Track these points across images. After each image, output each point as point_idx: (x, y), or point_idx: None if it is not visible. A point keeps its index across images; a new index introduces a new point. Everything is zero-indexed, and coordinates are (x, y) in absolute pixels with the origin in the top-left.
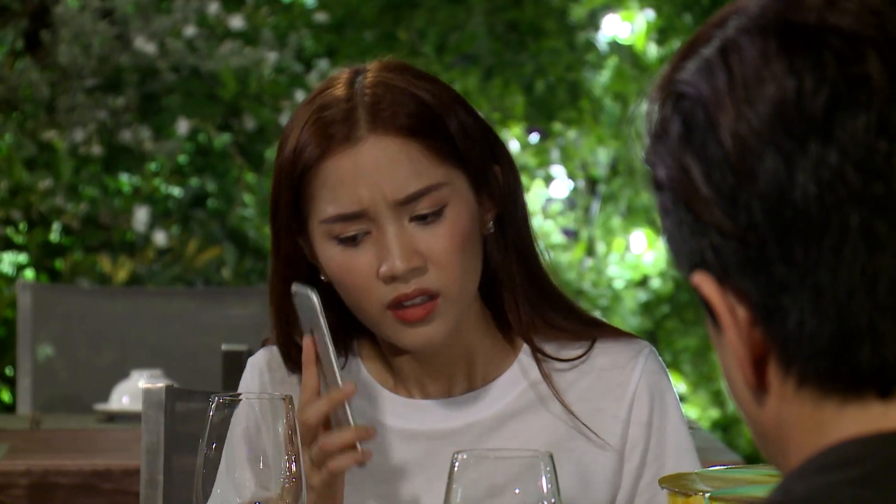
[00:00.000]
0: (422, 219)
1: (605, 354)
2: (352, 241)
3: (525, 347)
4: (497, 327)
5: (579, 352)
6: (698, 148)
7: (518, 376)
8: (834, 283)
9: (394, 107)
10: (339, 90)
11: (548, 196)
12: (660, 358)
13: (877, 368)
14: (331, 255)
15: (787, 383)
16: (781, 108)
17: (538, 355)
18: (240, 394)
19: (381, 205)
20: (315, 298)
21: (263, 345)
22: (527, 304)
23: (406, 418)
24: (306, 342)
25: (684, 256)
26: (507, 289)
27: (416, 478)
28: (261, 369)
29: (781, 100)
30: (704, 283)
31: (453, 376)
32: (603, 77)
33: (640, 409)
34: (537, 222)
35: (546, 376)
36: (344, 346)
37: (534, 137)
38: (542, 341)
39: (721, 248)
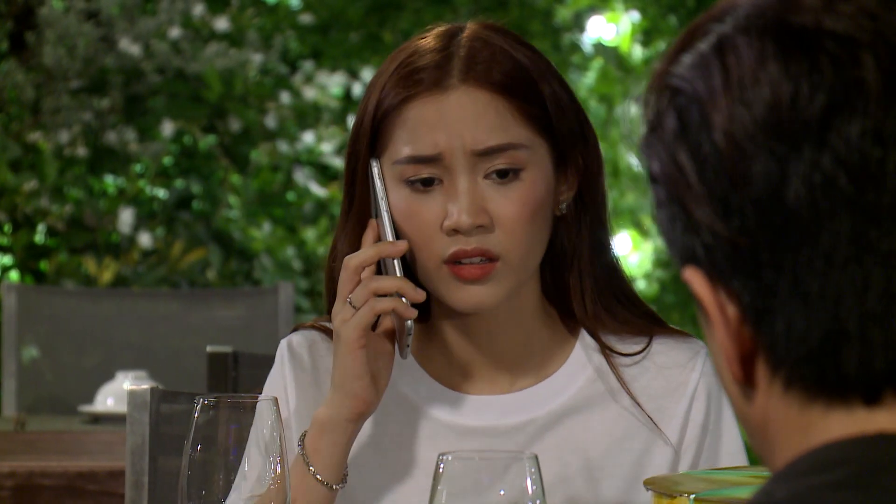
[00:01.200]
0: (497, 177)
1: (664, 352)
2: (422, 187)
3: (582, 338)
4: (556, 314)
5: (639, 347)
6: (692, 145)
7: (577, 369)
8: (823, 290)
9: (489, 62)
10: (432, 42)
11: None
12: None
13: (863, 376)
14: (399, 199)
15: (775, 384)
16: (776, 111)
17: (603, 348)
18: (227, 395)
19: (459, 153)
20: (376, 166)
21: (293, 330)
22: (594, 293)
23: (463, 414)
24: (371, 224)
25: (676, 250)
26: (575, 275)
27: None
28: (282, 357)
29: (776, 103)
30: (695, 278)
31: (512, 368)
32: (588, 78)
33: (698, 410)
34: None
35: (615, 369)
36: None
37: None
38: (604, 333)
39: (712, 248)
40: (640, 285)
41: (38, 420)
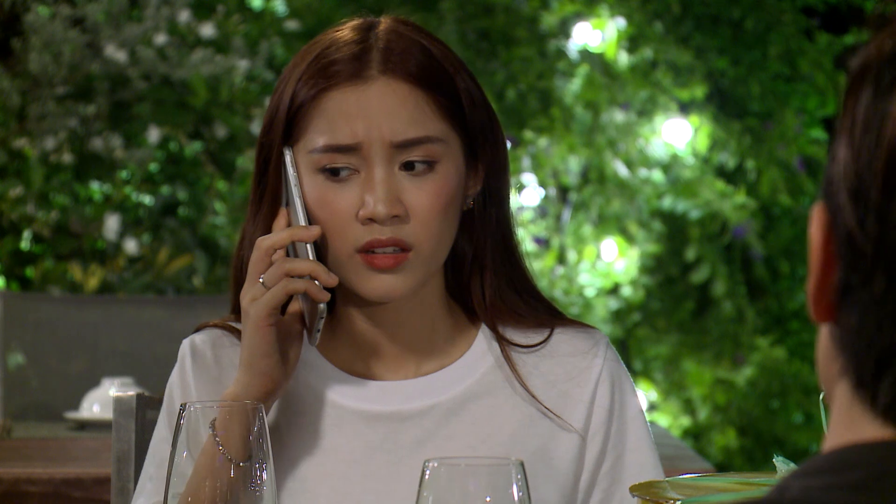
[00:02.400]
0: (412, 168)
1: (566, 341)
2: (337, 176)
3: (484, 328)
4: (458, 307)
5: (539, 338)
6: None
7: (479, 357)
8: None
9: (407, 55)
10: (348, 34)
11: (519, 204)
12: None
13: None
14: (313, 187)
15: (836, 363)
16: None
17: (501, 339)
18: (212, 401)
19: (377, 144)
20: (289, 155)
21: (196, 330)
22: (494, 286)
23: (368, 400)
24: (281, 212)
25: (822, 182)
26: (477, 268)
27: (378, 460)
28: (183, 356)
29: None
30: (818, 219)
31: (417, 355)
32: (574, 85)
33: (603, 395)
34: None
35: (509, 360)
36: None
37: None
38: (503, 325)
39: (843, 226)
40: (626, 291)
41: (24, 427)
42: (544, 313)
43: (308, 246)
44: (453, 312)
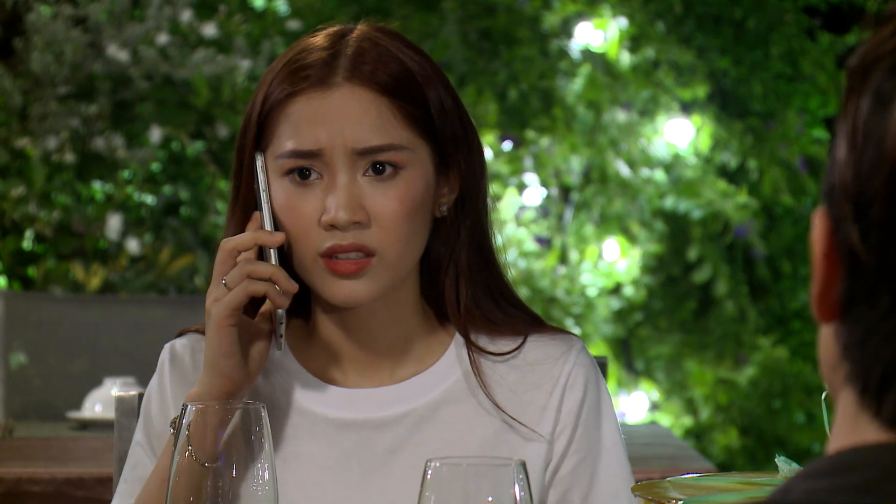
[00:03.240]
0: (376, 174)
1: (538, 349)
2: (302, 182)
3: (458, 336)
4: (433, 314)
5: (512, 346)
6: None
7: (452, 364)
8: None
9: (376, 63)
10: (321, 41)
11: (521, 204)
12: (590, 353)
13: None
14: (280, 192)
15: (841, 369)
16: None
17: (471, 347)
18: (214, 401)
19: (339, 150)
20: (259, 160)
21: (179, 335)
22: (469, 293)
23: (340, 407)
24: (254, 217)
25: (823, 188)
26: (451, 276)
27: (351, 467)
28: (162, 362)
29: None
30: (820, 225)
31: (390, 363)
32: (576, 85)
33: (571, 399)
34: (510, 230)
35: (477, 369)
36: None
37: (507, 145)
38: (476, 333)
39: (846, 238)
40: (628, 291)
41: (26, 426)
42: (521, 321)
43: (272, 251)
44: (428, 319)
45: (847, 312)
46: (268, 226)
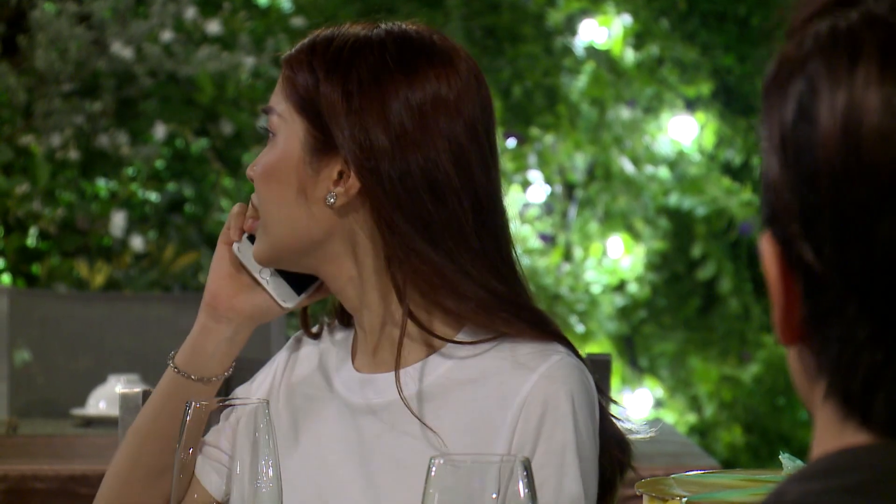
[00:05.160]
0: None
1: (512, 350)
2: None
3: (454, 336)
4: (440, 312)
5: (477, 339)
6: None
7: (439, 362)
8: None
9: (315, 37)
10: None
11: (525, 201)
12: (579, 369)
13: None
14: None
15: (819, 386)
16: None
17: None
18: (217, 398)
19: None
20: None
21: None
22: (415, 284)
23: (350, 390)
24: None
25: (763, 211)
26: (393, 266)
27: (349, 448)
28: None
29: None
30: (769, 251)
31: (384, 350)
32: (580, 82)
33: (529, 416)
34: (514, 227)
35: (454, 363)
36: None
37: (511, 142)
38: (447, 328)
39: (799, 258)
40: (633, 288)
41: (30, 423)
42: (496, 313)
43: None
44: (430, 313)
45: (815, 330)
46: None
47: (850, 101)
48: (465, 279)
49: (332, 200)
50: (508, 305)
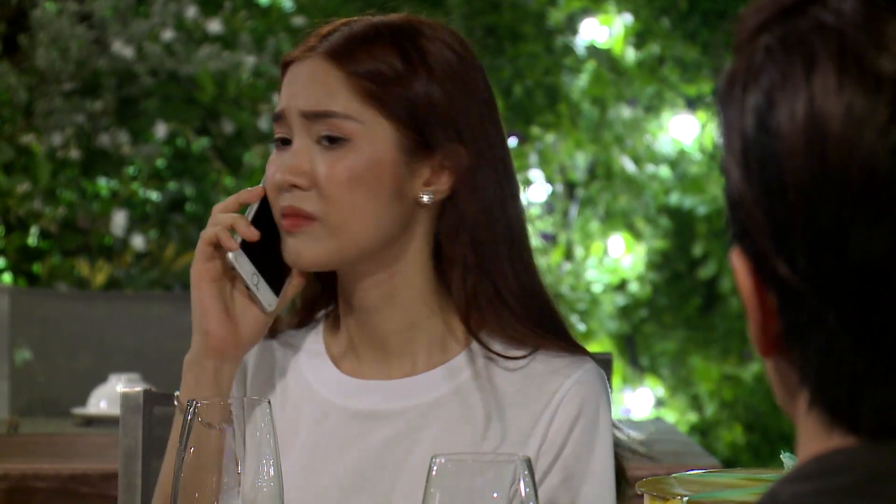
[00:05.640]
0: (326, 142)
1: (544, 363)
2: (282, 147)
3: (473, 340)
4: (452, 312)
5: (520, 355)
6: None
7: (463, 366)
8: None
9: (346, 38)
10: (338, 23)
11: (526, 200)
12: (605, 380)
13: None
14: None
15: (801, 396)
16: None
17: (480, 348)
18: (219, 397)
19: (294, 113)
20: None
21: None
22: (475, 292)
23: (347, 396)
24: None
25: (731, 226)
26: (458, 272)
27: (350, 454)
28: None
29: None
30: (740, 266)
31: (398, 356)
32: (581, 81)
33: (562, 417)
34: None
35: (487, 374)
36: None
37: (512, 141)
38: (489, 336)
39: (772, 271)
40: (634, 287)
41: (31, 422)
42: (537, 331)
43: (252, 207)
44: (444, 320)
45: (793, 342)
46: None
47: (810, 111)
48: (518, 289)
49: (426, 199)
50: (544, 318)
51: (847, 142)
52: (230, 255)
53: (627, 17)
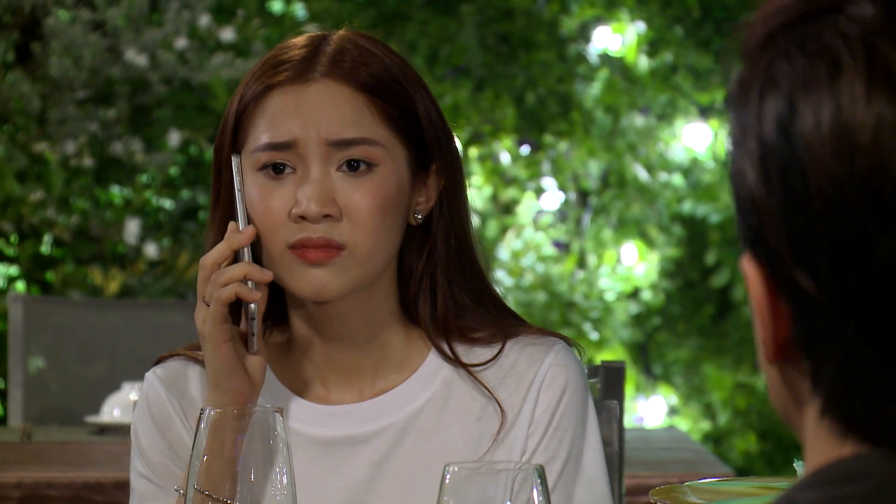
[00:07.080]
0: (349, 169)
1: (516, 353)
2: (275, 175)
3: (436, 346)
4: (410, 323)
5: (489, 354)
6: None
7: (431, 374)
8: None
9: (356, 61)
10: (302, 41)
11: (539, 208)
12: (575, 355)
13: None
14: (253, 186)
15: (812, 404)
16: None
17: (450, 357)
18: (233, 406)
19: (314, 142)
20: (235, 161)
21: (157, 362)
22: (445, 305)
23: (320, 424)
24: (231, 226)
25: (742, 232)
26: (426, 286)
27: (335, 485)
28: (146, 394)
29: None
30: (753, 273)
31: (369, 375)
32: (594, 89)
33: (546, 399)
34: (528, 234)
35: (456, 373)
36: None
37: (525, 149)
38: (453, 342)
39: (789, 279)
40: (646, 295)
41: (44, 431)
42: (500, 326)
43: (245, 250)
44: (406, 328)
45: (807, 350)
46: (242, 227)
47: (837, 120)
48: (482, 288)
49: (419, 218)
50: (505, 313)
51: (877, 152)
52: (253, 306)
53: (640, 26)
